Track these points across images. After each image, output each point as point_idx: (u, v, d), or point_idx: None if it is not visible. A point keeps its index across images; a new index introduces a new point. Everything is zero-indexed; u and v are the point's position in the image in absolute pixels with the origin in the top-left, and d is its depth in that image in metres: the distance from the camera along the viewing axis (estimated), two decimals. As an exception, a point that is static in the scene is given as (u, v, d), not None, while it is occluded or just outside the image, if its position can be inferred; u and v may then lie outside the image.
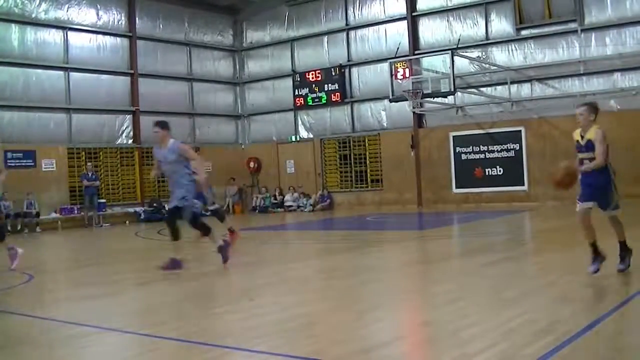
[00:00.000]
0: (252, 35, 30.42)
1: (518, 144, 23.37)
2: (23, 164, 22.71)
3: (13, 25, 22.97)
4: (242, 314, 6.75)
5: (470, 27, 24.40)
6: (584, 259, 8.00)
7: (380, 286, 8.64)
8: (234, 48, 30.54)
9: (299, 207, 27.26)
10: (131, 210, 25.24)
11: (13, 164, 22.32)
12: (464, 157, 24.46)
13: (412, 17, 25.57)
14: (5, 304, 8.32)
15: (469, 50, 24.11)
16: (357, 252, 12.98)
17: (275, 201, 28.21)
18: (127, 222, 24.72)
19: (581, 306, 6.51)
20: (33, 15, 23.42)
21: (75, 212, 23.59)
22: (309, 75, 28.11)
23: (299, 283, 9.21)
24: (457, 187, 24.66)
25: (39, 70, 23.57)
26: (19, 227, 21.93)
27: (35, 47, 23.49)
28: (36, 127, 23.37)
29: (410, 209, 24.79)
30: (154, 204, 25.29)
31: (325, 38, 28.09)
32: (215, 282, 9.82)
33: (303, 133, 28.96)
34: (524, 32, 23.47)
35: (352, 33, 27.44)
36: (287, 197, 27.84)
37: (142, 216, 24.92)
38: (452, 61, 21.51)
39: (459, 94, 22.97)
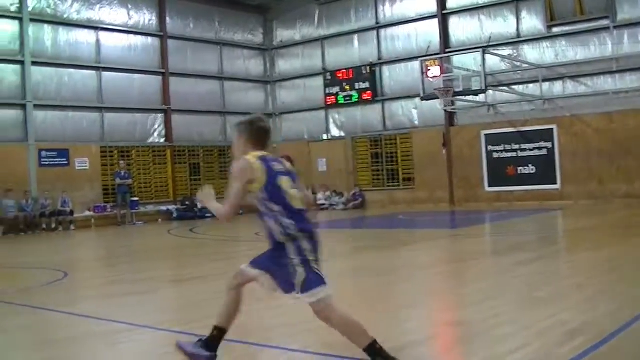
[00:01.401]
0: (283, 34, 30.48)
1: (550, 142, 23.08)
2: (57, 162, 23.07)
3: (46, 25, 23.35)
4: (275, 312, 6.73)
5: (501, 25, 24.17)
6: (616, 258, 7.90)
7: (411, 285, 8.63)
8: (265, 47, 30.64)
9: (331, 205, 27.23)
10: (163, 208, 25.46)
11: (47, 163, 22.74)
12: (495, 155, 24.24)
13: (443, 15, 25.41)
14: (40, 300, 8.42)
15: (500, 48, 23.88)
16: (389, 250, 12.97)
17: (311, 200, 28.14)
18: (160, 220, 24.96)
19: (614, 306, 6.42)
20: (65, 16, 23.78)
21: (109, 210, 23.87)
22: (339, 73, 28.09)
23: (331, 281, 9.16)
24: (489, 186, 24.45)
25: (72, 70, 23.93)
26: (53, 226, 22.25)
27: (68, 47, 23.85)
28: (69, 126, 23.72)
29: (442, 207, 24.65)
30: (187, 202, 25.48)
31: (356, 36, 28.04)
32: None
33: (334, 131, 28.94)
34: (555, 30, 23.17)
35: (382, 31, 27.35)
36: (319, 195, 27.84)
37: (175, 214, 25.12)
38: (483, 59, 21.36)
39: (490, 92, 22.78)
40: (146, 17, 26.18)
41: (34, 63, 22.82)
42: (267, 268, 4.56)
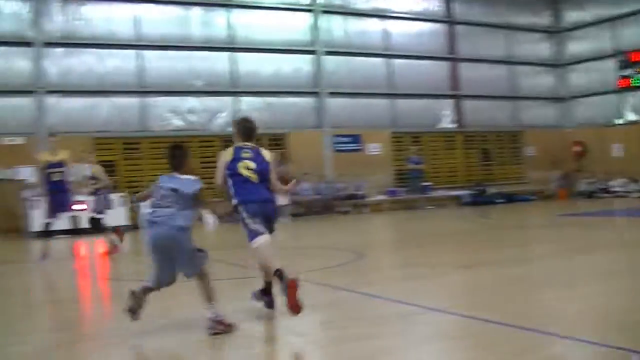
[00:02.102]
0: (572, 15, 28.36)
1: None
2: (350, 147, 23.54)
3: (336, 16, 24.10)
4: (565, 302, 6.34)
5: None
6: None
7: None
8: (553, 29, 28.74)
9: (627, 192, 24.39)
10: (453, 193, 24.70)
11: (341, 148, 23.26)
12: None
13: None
14: (338, 280, 8.47)
15: None
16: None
17: (602, 186, 25.62)
18: (450, 205, 24.23)
19: None
20: (354, 6, 24.38)
21: (400, 194, 23.70)
22: (634, 54, 25.24)
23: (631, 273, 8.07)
24: None
25: (362, 58, 24.39)
26: (347, 209, 22.57)
27: (358, 36, 24.39)
28: (361, 113, 24.09)
29: None
30: (478, 188, 24.45)
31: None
32: (537, 267, 9.10)
33: (630, 115, 26.06)
34: None
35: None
36: (614, 182, 25.11)
37: (465, 199, 24.21)
38: None
39: None
40: (433, 4, 25.95)
41: (327, 53, 23.55)
42: None
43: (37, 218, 17.62)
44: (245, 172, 6.07)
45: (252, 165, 6.11)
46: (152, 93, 21.17)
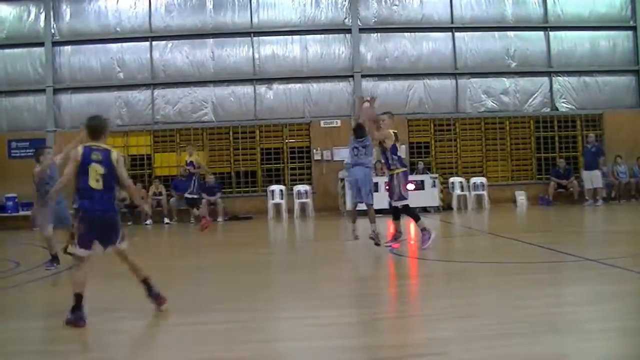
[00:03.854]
0: None
1: None
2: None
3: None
4: None
5: None
6: None
7: None
8: None
9: None
10: None
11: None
12: None
13: None
14: None
15: None
16: None
17: None
18: None
19: None
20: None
21: None
22: None
23: None
24: None
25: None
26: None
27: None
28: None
29: None
30: None
31: None
32: None
33: None
34: None
35: None
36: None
37: None
38: None
39: None
40: None
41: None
42: None
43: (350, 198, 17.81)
44: (93, 177, 5.75)
45: (101, 170, 5.77)
46: (465, 74, 20.65)
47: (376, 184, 13.96)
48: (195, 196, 17.04)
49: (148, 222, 18.96)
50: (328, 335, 5.20)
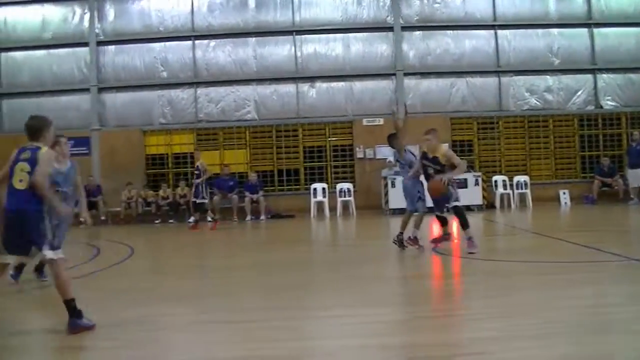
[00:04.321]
0: None
1: None
2: None
3: None
4: None
5: None
6: None
7: None
8: None
9: None
10: None
11: None
12: None
13: None
14: None
15: None
16: None
17: None
18: None
19: None
20: None
21: None
22: None
23: None
24: None
25: None
26: None
27: None
28: None
29: None
30: None
31: None
32: None
33: None
34: None
35: None
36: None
37: None
38: None
39: None
40: None
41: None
42: None
43: (394, 196, 17.84)
44: (17, 176, 5.53)
45: (27, 168, 5.53)
46: (508, 72, 20.52)
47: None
48: (204, 200, 16.90)
49: (191, 220, 19.06)
50: (368, 333, 5.24)
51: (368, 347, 4.84)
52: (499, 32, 20.64)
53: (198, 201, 16.75)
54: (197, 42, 20.63)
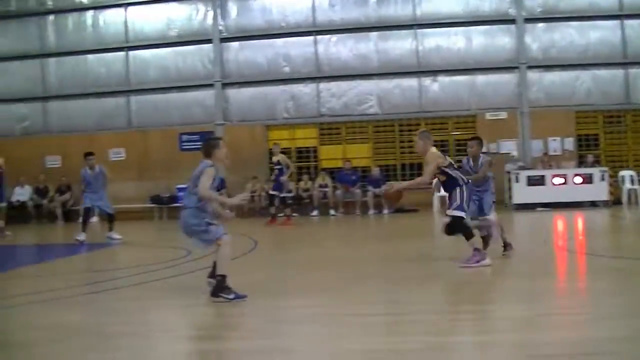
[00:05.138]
0: None
1: None
2: None
3: None
4: None
5: None
6: None
7: None
8: None
9: None
10: None
11: None
12: None
13: None
14: None
15: None
16: None
17: None
18: None
19: None
20: None
21: None
22: None
23: None
24: None
25: None
26: None
27: None
28: None
29: None
30: None
31: None
32: None
33: None
34: None
35: None
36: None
37: None
38: None
39: None
40: None
41: None
42: None
43: (518, 191, 17.73)
44: None
45: None
46: (636, 64, 20.05)
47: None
48: (275, 193, 16.82)
49: (314, 213, 19.39)
50: (489, 329, 5.30)
51: (487, 343, 4.87)
52: (626, 22, 20.14)
53: (282, 195, 16.66)
54: (318, 37, 20.84)
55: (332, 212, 19.56)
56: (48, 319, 6.03)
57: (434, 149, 8.42)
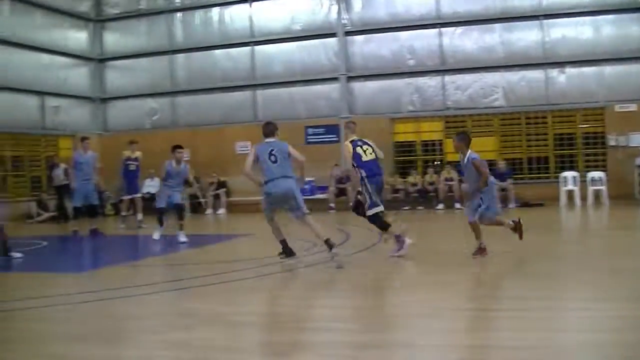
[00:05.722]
0: None
1: None
2: None
3: None
4: None
5: None
6: None
7: None
8: None
9: None
10: None
11: None
12: None
13: None
14: None
15: None
16: None
17: None
18: None
19: None
20: None
21: None
22: None
23: None
24: None
25: None
26: None
27: None
28: None
29: None
30: None
31: None
32: None
33: None
34: None
35: None
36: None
37: None
38: None
39: None
40: None
41: None
42: None
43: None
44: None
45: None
46: None
47: None
48: None
49: (440, 206, 19.73)
50: (603, 328, 5.28)
51: (606, 343, 4.84)
52: None
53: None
54: (442, 29, 20.92)
55: (457, 205, 19.82)
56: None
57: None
